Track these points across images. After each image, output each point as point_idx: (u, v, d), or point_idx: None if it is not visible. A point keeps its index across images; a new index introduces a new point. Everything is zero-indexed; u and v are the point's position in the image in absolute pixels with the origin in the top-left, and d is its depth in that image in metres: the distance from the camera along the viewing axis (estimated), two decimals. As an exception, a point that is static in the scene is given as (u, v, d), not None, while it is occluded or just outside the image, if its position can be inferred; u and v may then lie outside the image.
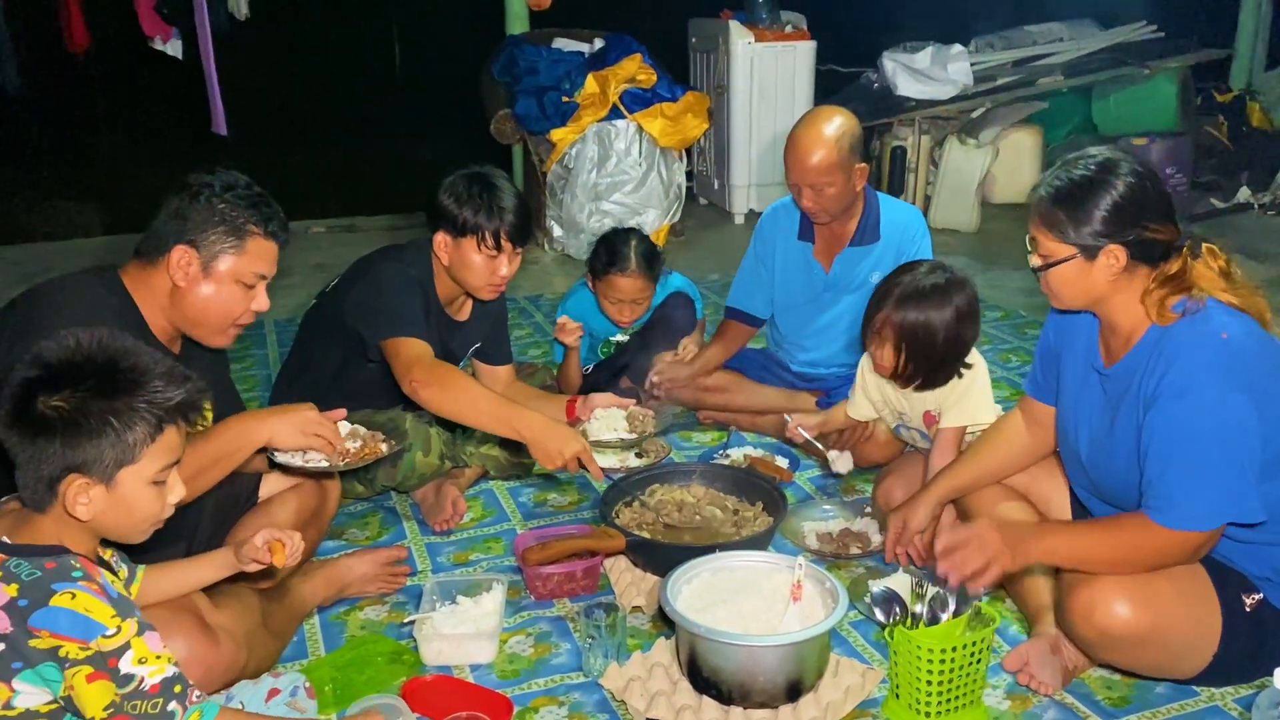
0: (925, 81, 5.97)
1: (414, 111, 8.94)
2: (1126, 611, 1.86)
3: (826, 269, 3.10)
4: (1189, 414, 1.81)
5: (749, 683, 1.93)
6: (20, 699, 1.41)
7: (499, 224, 2.58)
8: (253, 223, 2.03)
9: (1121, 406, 1.96)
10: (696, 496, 2.63)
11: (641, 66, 5.67)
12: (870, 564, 2.55)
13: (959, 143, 5.96)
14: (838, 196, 2.90)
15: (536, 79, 5.70)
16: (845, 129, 2.87)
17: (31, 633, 1.39)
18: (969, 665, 1.96)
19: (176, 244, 1.99)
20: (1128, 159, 1.90)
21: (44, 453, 1.43)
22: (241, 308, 2.06)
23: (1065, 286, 1.94)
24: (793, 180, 2.91)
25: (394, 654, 2.20)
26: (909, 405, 2.64)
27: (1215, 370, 1.81)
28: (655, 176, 5.66)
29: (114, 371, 1.46)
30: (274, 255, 2.09)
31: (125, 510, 1.51)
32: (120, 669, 1.41)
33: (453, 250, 2.63)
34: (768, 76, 6.04)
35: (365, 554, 2.46)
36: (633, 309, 3.26)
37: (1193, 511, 1.81)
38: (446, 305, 2.79)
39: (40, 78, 6.77)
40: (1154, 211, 1.87)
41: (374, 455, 2.24)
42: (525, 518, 2.82)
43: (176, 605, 1.87)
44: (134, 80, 7.44)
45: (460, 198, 2.58)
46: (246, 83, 6.40)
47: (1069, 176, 1.90)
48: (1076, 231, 1.88)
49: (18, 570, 1.43)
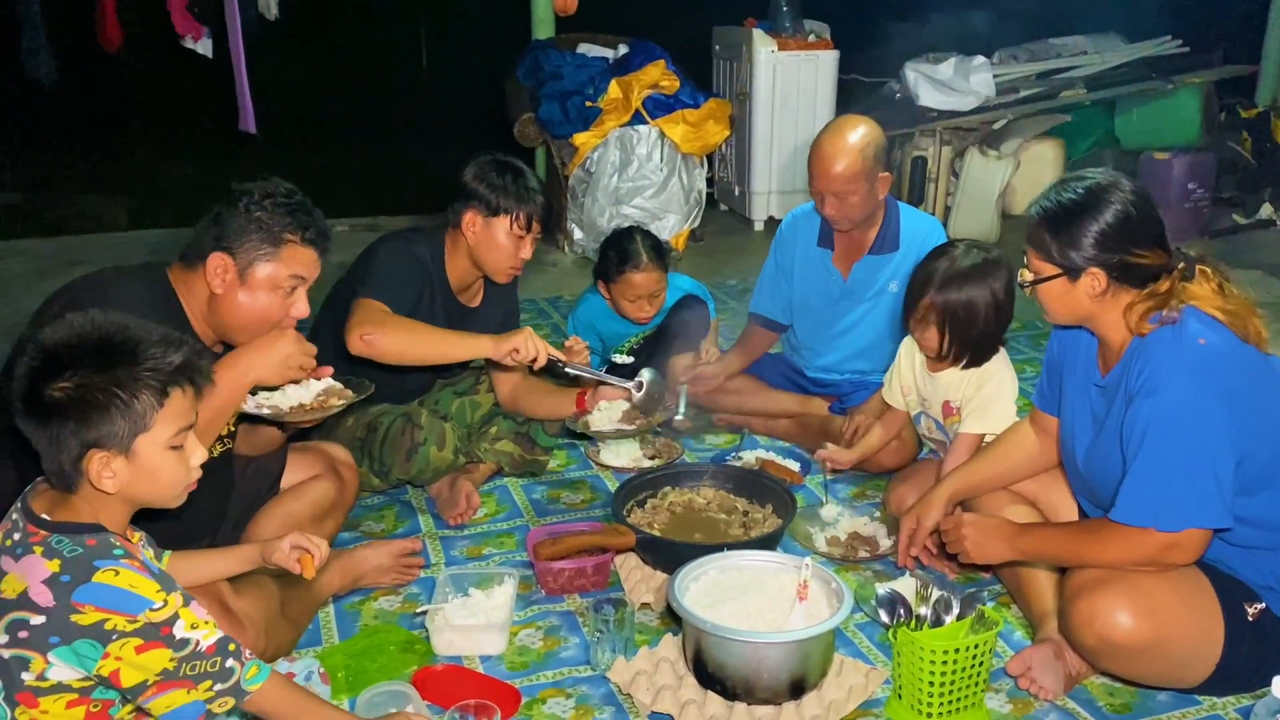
0: (947, 92, 5.99)
1: (439, 113, 9.02)
2: (1128, 621, 1.88)
3: (845, 276, 3.13)
4: (1156, 412, 1.85)
5: (753, 679, 1.96)
6: (53, 671, 1.45)
7: (531, 206, 2.69)
8: (289, 230, 2.04)
9: (1110, 413, 2.01)
10: (707, 498, 2.66)
11: (665, 73, 5.72)
12: (878, 567, 2.57)
13: (980, 154, 5.97)
14: (860, 205, 2.93)
15: (561, 83, 5.76)
16: (870, 138, 2.90)
17: (75, 607, 1.42)
18: (971, 668, 1.98)
19: (214, 251, 2.02)
20: (1122, 185, 1.93)
21: (60, 435, 1.46)
22: (279, 314, 2.07)
23: (1053, 302, 2.01)
24: (816, 188, 2.94)
25: (406, 643, 2.24)
26: (931, 391, 2.67)
27: (1188, 372, 1.85)
28: (676, 182, 5.70)
29: (110, 346, 1.48)
30: (311, 260, 2.10)
31: (150, 478, 1.54)
32: (175, 635, 1.46)
33: (481, 230, 2.71)
34: (790, 85, 6.08)
35: (381, 545, 2.50)
36: (651, 303, 3.31)
37: (1149, 509, 1.85)
38: (459, 291, 2.85)
39: (74, 74, 6.86)
40: (1140, 238, 1.91)
41: (326, 409, 2.21)
42: (538, 514, 2.86)
43: (199, 590, 1.90)
44: (165, 78, 7.55)
45: (493, 181, 2.68)
46: (275, 82, 6.48)
47: (1059, 199, 1.95)
48: (1060, 252, 1.94)
49: (59, 546, 1.47)
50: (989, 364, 2.58)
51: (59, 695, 1.47)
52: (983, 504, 2.37)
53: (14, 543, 1.50)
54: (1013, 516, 2.26)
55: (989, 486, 2.39)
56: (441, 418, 2.99)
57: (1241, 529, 1.90)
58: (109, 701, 1.52)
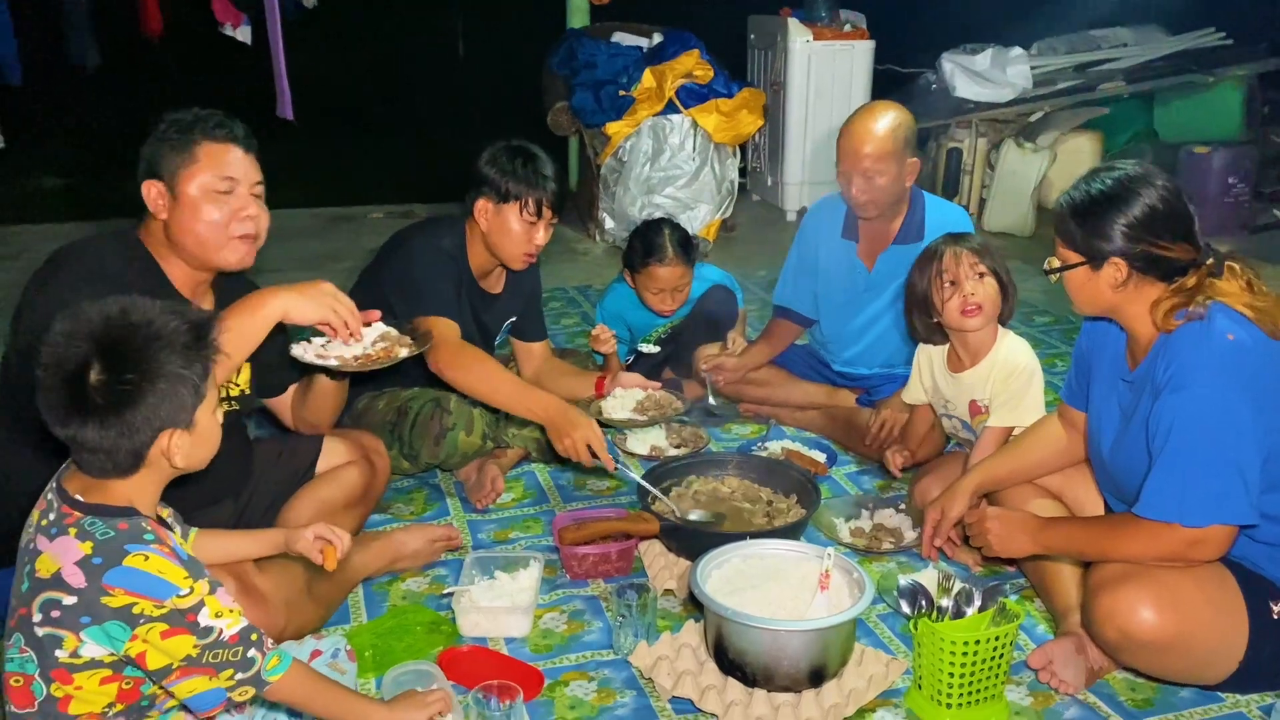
0: (984, 84, 5.95)
1: (476, 102, 9.05)
2: (1151, 617, 1.88)
3: (869, 268, 3.11)
4: (1183, 407, 1.85)
5: (773, 666, 1.97)
6: (86, 649, 1.49)
7: (541, 192, 2.69)
8: (196, 133, 2.05)
9: (1138, 408, 2.00)
10: (731, 487, 2.67)
11: (699, 62, 5.72)
12: (902, 559, 2.58)
13: (1016, 146, 5.93)
14: (888, 188, 2.91)
15: (595, 72, 5.77)
16: (901, 121, 2.89)
17: (105, 590, 1.45)
18: (992, 660, 1.98)
19: (144, 181, 2.06)
20: (1153, 177, 1.93)
21: (129, 426, 1.47)
22: (225, 217, 2.06)
23: (1077, 291, 2.03)
24: (845, 167, 2.92)
25: (433, 624, 2.28)
26: (954, 392, 2.67)
27: (1215, 367, 1.84)
28: (708, 171, 5.70)
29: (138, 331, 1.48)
30: (235, 158, 2.08)
31: (204, 441, 1.59)
32: (200, 622, 1.49)
33: (493, 216, 2.73)
34: (824, 75, 6.06)
35: (417, 529, 2.53)
36: (674, 297, 3.32)
37: (1174, 504, 1.84)
38: (480, 278, 2.88)
39: (116, 60, 6.96)
40: (1166, 231, 1.91)
41: (391, 358, 2.21)
42: (564, 500, 2.89)
43: (222, 567, 1.94)
44: (205, 65, 7.61)
45: (504, 166, 2.69)
46: (313, 70, 6.54)
47: (1087, 189, 1.96)
48: (1085, 241, 1.95)
49: (92, 529, 1.50)
50: (1016, 357, 2.57)
51: (92, 672, 1.51)
52: (1008, 497, 2.37)
53: (49, 523, 1.53)
54: (1037, 510, 2.25)
55: (1015, 479, 2.39)
56: (470, 404, 3.03)
57: (1268, 526, 1.89)
58: (140, 679, 1.55)
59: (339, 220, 6.30)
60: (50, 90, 7.01)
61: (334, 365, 2.18)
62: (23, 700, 1.53)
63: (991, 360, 2.58)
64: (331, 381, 2.37)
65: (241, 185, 2.09)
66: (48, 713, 1.53)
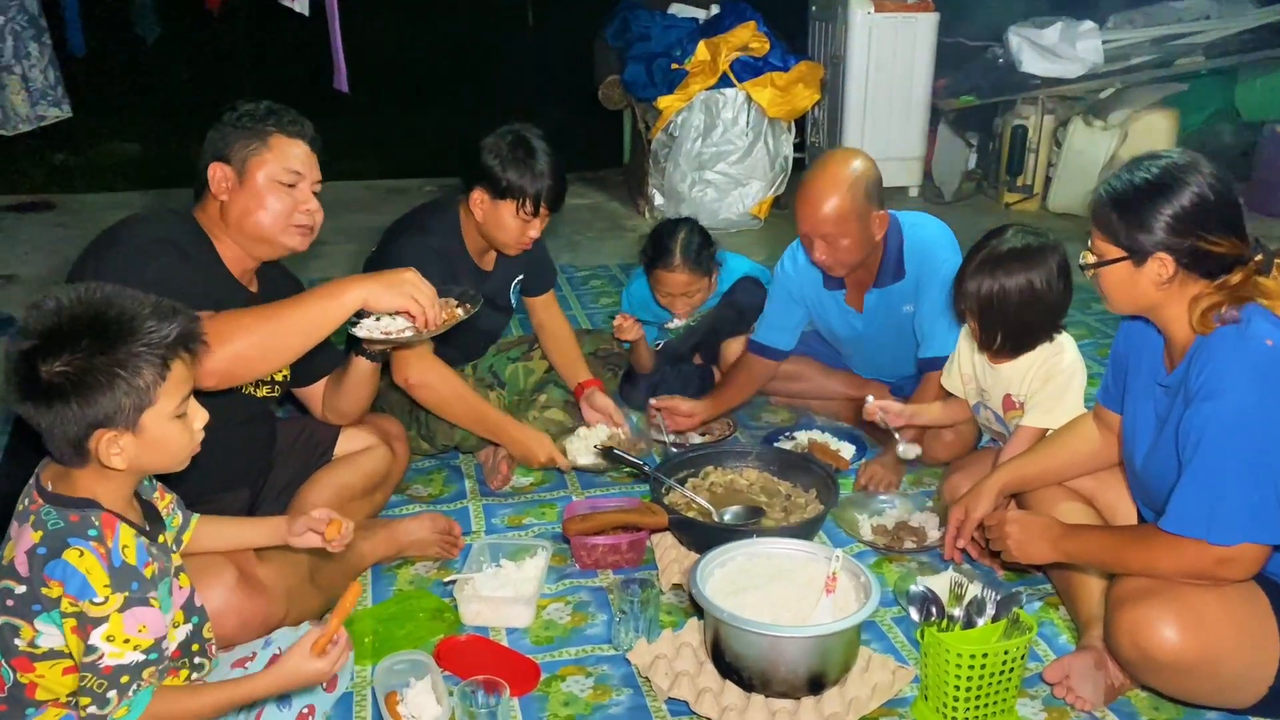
0: (1052, 59, 5.70)
1: (542, 73, 8.97)
2: (1174, 636, 1.77)
3: (859, 309, 2.92)
4: (1215, 417, 1.73)
5: (770, 672, 1.91)
6: (43, 639, 1.49)
7: (538, 190, 2.64)
8: (269, 124, 2.11)
9: (1171, 414, 1.88)
10: (749, 480, 2.61)
11: (755, 34, 5.60)
12: (924, 559, 2.49)
13: (1084, 124, 5.69)
14: (853, 248, 2.67)
15: (648, 45, 5.69)
16: (860, 174, 2.63)
17: (44, 580, 1.45)
18: (1002, 673, 1.90)
19: (210, 163, 2.10)
20: (1201, 166, 1.79)
21: (62, 416, 1.44)
22: (288, 206, 2.11)
23: (1114, 289, 1.88)
24: (803, 230, 2.69)
25: (436, 611, 2.26)
26: (992, 383, 2.55)
27: (1251, 375, 1.73)
28: (761, 147, 5.59)
29: (104, 323, 1.45)
30: (302, 154, 2.14)
31: (158, 449, 1.54)
32: (90, 638, 1.45)
33: (488, 209, 2.69)
34: (885, 48, 5.87)
35: (425, 519, 2.50)
36: (684, 302, 3.19)
37: (1201, 519, 1.73)
38: (478, 258, 2.86)
39: (176, 32, 7.04)
40: (1215, 224, 1.77)
41: (453, 319, 2.21)
42: (583, 486, 2.85)
43: (220, 556, 1.94)
44: (263, 37, 7.68)
45: (503, 160, 2.64)
46: (373, 42, 6.54)
47: (1130, 179, 1.82)
48: (1128, 234, 1.81)
49: (46, 518, 1.49)
50: (1060, 357, 2.44)
51: (53, 662, 1.51)
52: (1036, 499, 2.26)
53: (22, 509, 1.54)
54: (1066, 514, 2.15)
55: (1044, 480, 2.28)
56: (495, 383, 3.01)
57: None
58: None
59: (392, 193, 6.32)
60: (114, 61, 7.14)
61: (410, 336, 2.17)
62: None
63: (1033, 357, 2.46)
64: (369, 366, 2.36)
65: (306, 180, 2.15)
66: (16, 698, 1.54)
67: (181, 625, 1.68)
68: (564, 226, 5.60)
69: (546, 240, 2.97)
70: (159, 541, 1.64)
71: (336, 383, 2.43)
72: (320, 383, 2.49)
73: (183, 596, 1.69)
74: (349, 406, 2.44)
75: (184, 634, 1.69)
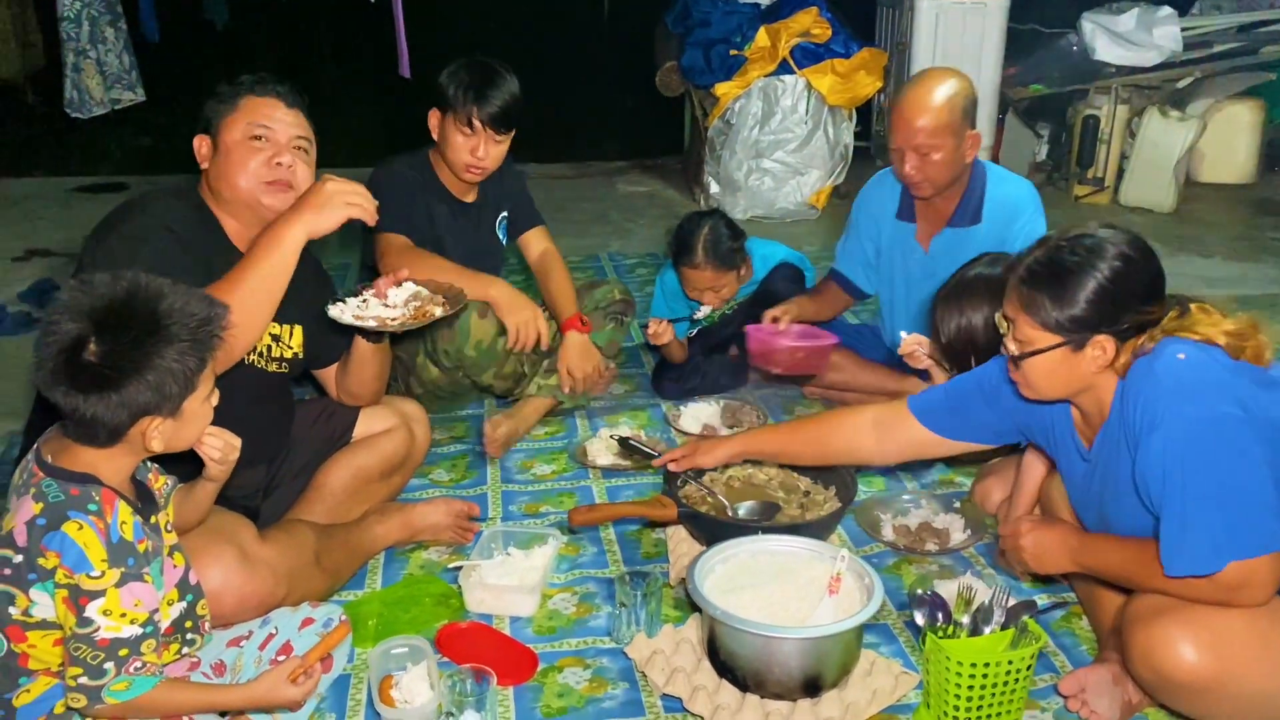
0: (1127, 46, 5.49)
1: (612, 61, 8.93)
2: (1191, 656, 1.68)
3: (926, 250, 2.90)
4: (1164, 447, 1.65)
5: (763, 672, 1.86)
6: (37, 609, 1.52)
7: (475, 105, 2.76)
8: (242, 88, 2.13)
9: (1115, 471, 1.80)
10: (769, 475, 2.55)
11: (817, 20, 5.48)
12: (946, 562, 2.41)
13: (1160, 114, 5.46)
14: (945, 165, 2.68)
15: (708, 30, 5.61)
16: (959, 89, 2.66)
17: (42, 550, 1.48)
18: (1008, 685, 1.82)
19: (195, 137, 2.14)
20: (1114, 237, 1.72)
21: (107, 404, 1.47)
22: (255, 163, 2.09)
23: (1045, 377, 1.79)
24: (896, 143, 2.70)
25: (442, 597, 2.25)
26: None
27: (1179, 391, 1.65)
28: (821, 135, 5.49)
29: (155, 314, 1.49)
30: (270, 108, 2.12)
31: (188, 429, 1.61)
32: (85, 610, 1.48)
33: (440, 127, 2.84)
34: (953, 35, 5.70)
35: (440, 503, 2.49)
36: (712, 295, 3.13)
37: (1188, 557, 1.64)
38: (456, 190, 2.97)
39: (245, 18, 7.17)
40: (1149, 293, 1.73)
41: (427, 317, 2.19)
42: (605, 475, 2.82)
43: (219, 535, 1.95)
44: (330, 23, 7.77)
45: (453, 77, 2.79)
46: (439, 27, 6.56)
47: (1054, 258, 1.73)
48: (1062, 319, 1.71)
49: (47, 490, 1.52)
50: None
51: (44, 632, 1.54)
52: (1060, 503, 2.16)
53: (21, 482, 1.57)
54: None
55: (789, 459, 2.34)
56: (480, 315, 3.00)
57: None
58: None
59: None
60: (185, 47, 7.30)
61: (373, 325, 2.16)
62: None
63: None
64: (369, 346, 2.35)
65: (278, 135, 2.13)
66: (8, 666, 1.57)
67: (176, 602, 1.70)
68: (616, 213, 5.58)
69: (595, 224, 3.01)
70: (151, 521, 1.66)
71: (343, 363, 2.44)
72: (335, 366, 2.50)
73: (176, 575, 1.71)
74: (357, 387, 2.44)
75: (178, 611, 1.71)
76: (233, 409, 1.88)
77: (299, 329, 2.30)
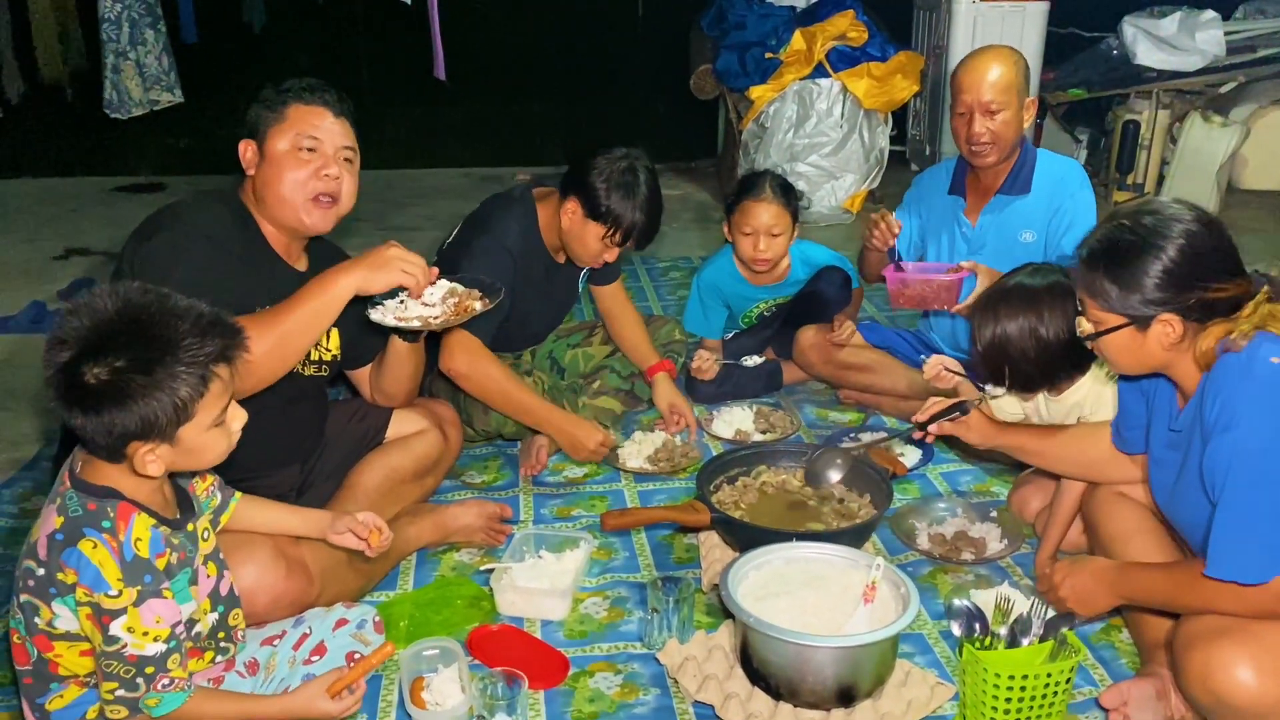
0: (1169, 50, 5.41)
1: (647, 64, 8.91)
2: (1250, 680, 1.63)
3: (973, 224, 2.96)
4: (1234, 449, 1.60)
5: (797, 680, 1.84)
6: (60, 621, 1.52)
7: (632, 225, 2.70)
8: (290, 95, 2.12)
9: (1190, 455, 1.76)
10: (803, 481, 2.52)
11: (853, 23, 5.46)
12: (982, 572, 2.37)
13: (1202, 120, 5.38)
14: (1008, 126, 2.79)
15: (743, 34, 5.60)
16: (1020, 58, 2.83)
17: (60, 566, 1.48)
18: (1046, 697, 1.79)
19: (241, 141, 2.13)
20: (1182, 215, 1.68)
21: (101, 423, 1.43)
22: (304, 174, 2.09)
23: (1120, 355, 1.77)
24: (966, 100, 2.79)
25: (474, 599, 2.25)
26: (1057, 414, 2.39)
27: (1262, 400, 1.60)
28: (856, 139, 5.45)
29: (147, 338, 1.43)
30: (319, 117, 2.12)
31: (195, 456, 1.56)
32: (110, 628, 1.48)
33: (577, 223, 2.74)
34: (990, 38, 5.59)
35: (472, 505, 2.50)
36: (768, 241, 3.09)
37: (1242, 561, 1.60)
38: (553, 252, 2.89)
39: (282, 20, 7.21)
40: (1213, 271, 1.66)
41: (468, 312, 2.17)
42: (637, 480, 2.81)
43: (253, 533, 1.95)
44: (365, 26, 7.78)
45: (609, 185, 2.67)
46: (474, 30, 6.58)
47: (1113, 238, 1.70)
48: (1123, 300, 1.69)
49: (69, 503, 1.51)
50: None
51: (70, 643, 1.54)
52: (1109, 528, 2.09)
53: (54, 490, 1.57)
54: (1138, 547, 2.01)
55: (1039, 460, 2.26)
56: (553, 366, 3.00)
57: None
58: None
59: (488, 180, 6.37)
60: (223, 49, 7.37)
61: (417, 325, 2.16)
62: (21, 658, 1.59)
63: (1096, 373, 2.30)
64: (405, 346, 2.36)
65: (326, 146, 2.13)
66: (40, 673, 1.58)
67: (209, 614, 1.70)
68: (650, 217, 5.53)
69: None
70: (187, 530, 1.65)
71: (378, 364, 2.44)
72: (369, 366, 2.50)
73: (209, 585, 1.70)
74: (392, 387, 2.45)
75: (211, 621, 1.71)
76: (268, 412, 1.89)
77: (335, 331, 2.31)
